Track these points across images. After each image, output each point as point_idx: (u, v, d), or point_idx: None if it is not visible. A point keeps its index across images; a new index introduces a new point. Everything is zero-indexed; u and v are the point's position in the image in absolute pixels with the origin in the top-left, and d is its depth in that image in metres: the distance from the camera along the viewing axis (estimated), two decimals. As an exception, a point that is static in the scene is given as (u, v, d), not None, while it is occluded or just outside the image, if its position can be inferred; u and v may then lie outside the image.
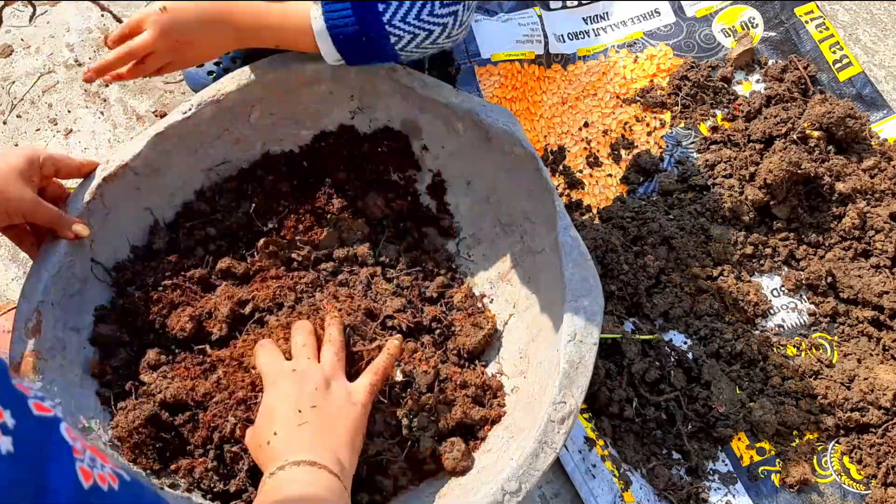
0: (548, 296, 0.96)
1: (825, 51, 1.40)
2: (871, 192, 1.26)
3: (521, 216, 1.02)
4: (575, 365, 0.86)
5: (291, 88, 1.05)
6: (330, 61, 0.92)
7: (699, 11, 1.44)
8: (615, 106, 1.36)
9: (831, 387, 1.12)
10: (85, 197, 0.91)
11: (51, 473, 0.37)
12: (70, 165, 0.90)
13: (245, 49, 1.21)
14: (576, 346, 0.86)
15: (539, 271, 0.99)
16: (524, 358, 0.97)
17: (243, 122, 1.05)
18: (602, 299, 0.90)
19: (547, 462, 0.81)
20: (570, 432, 0.85)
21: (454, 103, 1.01)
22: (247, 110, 1.04)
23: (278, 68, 1.03)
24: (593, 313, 0.88)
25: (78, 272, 0.91)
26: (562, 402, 0.84)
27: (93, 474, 0.40)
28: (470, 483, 0.85)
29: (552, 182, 0.98)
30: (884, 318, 1.17)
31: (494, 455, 0.87)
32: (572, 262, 0.91)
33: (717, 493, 1.05)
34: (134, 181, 0.96)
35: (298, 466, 0.69)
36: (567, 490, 1.04)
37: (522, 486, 0.79)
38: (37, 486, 0.36)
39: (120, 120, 1.26)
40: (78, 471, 0.39)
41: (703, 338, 1.15)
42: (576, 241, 0.92)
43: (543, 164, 0.98)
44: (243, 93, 1.02)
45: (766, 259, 1.24)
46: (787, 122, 1.29)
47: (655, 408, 1.08)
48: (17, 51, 1.31)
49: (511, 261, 1.05)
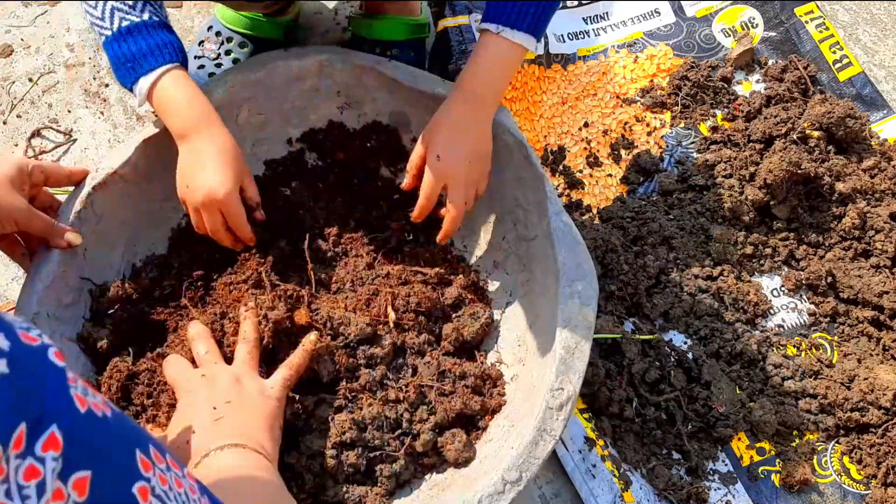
0: (543, 282, 0.96)
1: (825, 51, 1.40)
2: (871, 192, 1.26)
3: (512, 203, 1.02)
4: (571, 350, 0.86)
5: (278, 86, 1.05)
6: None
7: (699, 11, 1.44)
8: (615, 106, 1.36)
9: (831, 387, 1.12)
10: (76, 206, 0.91)
11: (48, 395, 0.37)
12: (59, 174, 0.90)
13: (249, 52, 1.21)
14: (571, 332, 0.86)
15: (533, 258, 0.99)
16: (522, 345, 0.97)
17: (231, 124, 1.04)
18: (596, 283, 0.90)
19: (546, 449, 0.81)
20: (569, 418, 0.85)
21: (441, 94, 1.01)
22: (234, 111, 1.04)
23: (263, 67, 1.03)
24: (588, 297, 0.88)
25: (72, 282, 0.90)
26: (559, 389, 0.84)
27: (87, 402, 0.40)
28: (472, 474, 0.85)
29: (542, 168, 0.98)
30: (884, 318, 1.17)
31: (496, 445, 0.87)
32: (565, 247, 0.91)
33: (717, 494, 1.05)
34: (124, 188, 0.95)
35: (223, 451, 0.70)
36: (567, 490, 1.04)
37: (523, 475, 0.79)
38: (36, 408, 0.36)
39: (120, 120, 1.26)
40: (73, 396, 0.39)
41: (703, 338, 1.15)
42: (568, 226, 0.92)
43: (533, 151, 0.98)
44: (230, 93, 1.02)
45: (766, 259, 1.24)
46: (787, 122, 1.29)
47: (655, 408, 1.08)
48: (17, 51, 1.31)
49: (505, 249, 1.04)
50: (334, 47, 1.08)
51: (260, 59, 1.04)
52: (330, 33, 1.36)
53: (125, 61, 0.88)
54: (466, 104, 0.95)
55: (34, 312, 0.85)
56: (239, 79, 1.02)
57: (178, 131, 0.90)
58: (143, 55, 0.87)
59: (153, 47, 0.88)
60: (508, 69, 0.97)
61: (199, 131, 0.89)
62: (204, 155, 0.89)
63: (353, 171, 1.10)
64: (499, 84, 0.97)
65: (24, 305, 0.85)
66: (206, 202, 0.89)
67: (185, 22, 1.35)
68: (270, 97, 1.05)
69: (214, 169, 0.88)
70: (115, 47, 0.88)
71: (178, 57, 0.89)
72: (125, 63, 0.88)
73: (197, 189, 0.89)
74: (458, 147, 0.94)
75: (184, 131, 0.89)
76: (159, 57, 0.88)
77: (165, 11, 0.92)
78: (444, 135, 0.94)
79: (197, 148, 0.89)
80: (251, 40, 1.21)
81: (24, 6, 1.35)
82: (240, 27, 1.20)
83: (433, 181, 0.95)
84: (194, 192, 0.90)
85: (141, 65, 0.88)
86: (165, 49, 0.88)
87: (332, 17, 1.38)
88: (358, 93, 1.07)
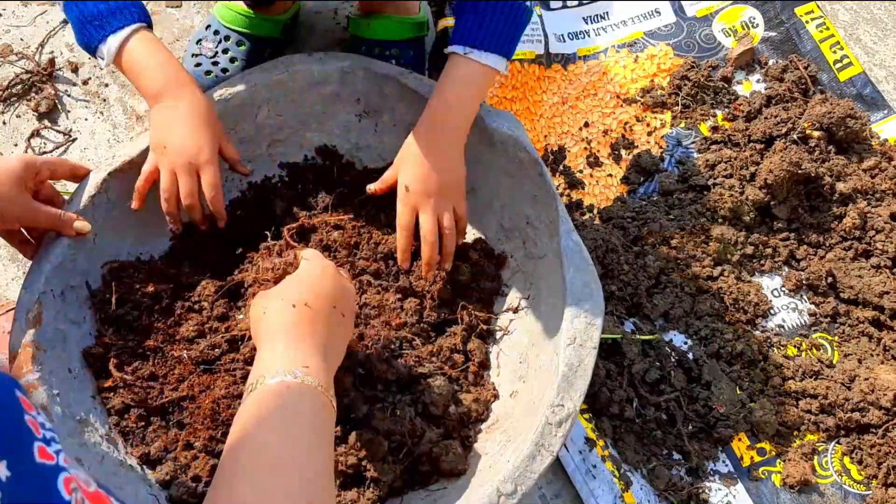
0: (548, 301, 0.96)
1: (826, 51, 1.40)
2: (871, 192, 1.26)
3: (523, 221, 1.02)
4: (574, 368, 0.86)
5: (299, 89, 1.05)
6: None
7: (699, 11, 1.44)
8: (615, 106, 1.36)
9: (832, 387, 1.12)
10: (91, 190, 0.91)
11: None
12: (64, 166, 0.91)
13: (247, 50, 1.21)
14: (575, 350, 0.86)
15: (540, 276, 0.99)
16: (524, 362, 0.97)
17: (250, 122, 1.04)
18: (602, 304, 0.90)
19: (543, 465, 0.81)
20: (568, 435, 0.85)
21: None
22: (254, 110, 1.04)
23: (287, 69, 1.03)
24: (594, 317, 0.88)
25: (80, 265, 0.91)
26: (560, 405, 0.84)
27: None
28: (466, 485, 0.85)
29: (555, 187, 0.98)
30: (884, 318, 1.17)
31: (491, 458, 0.87)
32: (574, 266, 0.91)
33: (717, 494, 1.05)
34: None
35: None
36: (567, 491, 1.04)
37: (518, 488, 0.79)
38: None
39: (119, 120, 1.26)
40: None
41: (704, 338, 1.15)
42: (578, 245, 0.92)
43: (546, 169, 0.98)
44: (251, 92, 1.02)
45: (767, 259, 1.23)
46: (787, 122, 1.29)
47: (656, 408, 1.08)
48: (17, 51, 1.30)
49: (512, 266, 1.04)
50: (357, 55, 1.09)
51: (282, 60, 1.04)
52: (330, 33, 1.35)
53: (91, 19, 0.86)
54: (435, 131, 0.95)
55: (41, 291, 0.85)
56: (261, 78, 1.02)
57: (152, 91, 0.88)
58: (112, 13, 0.86)
59: (120, 6, 0.86)
60: (479, 92, 0.95)
61: (174, 91, 0.87)
62: (182, 115, 0.87)
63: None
64: (469, 108, 0.95)
65: (31, 283, 0.86)
66: (185, 164, 0.88)
67: (185, 22, 1.35)
68: (290, 100, 1.05)
69: (193, 129, 0.87)
70: (80, 5, 0.86)
71: (145, 17, 0.88)
72: (91, 21, 0.86)
73: (175, 150, 0.87)
74: (426, 178, 0.94)
75: (158, 91, 0.88)
76: (128, 15, 0.86)
77: None
78: (413, 166, 0.95)
79: (173, 107, 0.87)
80: (249, 39, 1.21)
81: (23, 6, 1.35)
82: (238, 26, 1.20)
83: (404, 212, 0.96)
84: (173, 154, 0.88)
85: (109, 22, 0.86)
86: (132, 8, 0.87)
87: (332, 16, 1.37)
88: (378, 101, 1.07)
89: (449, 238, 0.97)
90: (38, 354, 0.81)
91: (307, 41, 1.33)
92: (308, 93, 1.06)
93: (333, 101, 1.07)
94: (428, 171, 0.94)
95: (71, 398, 0.83)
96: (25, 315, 0.83)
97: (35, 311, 0.83)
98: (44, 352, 0.82)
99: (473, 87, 0.94)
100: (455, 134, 0.95)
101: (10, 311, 1.04)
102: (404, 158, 0.96)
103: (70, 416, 0.81)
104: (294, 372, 0.66)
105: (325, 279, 0.76)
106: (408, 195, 0.95)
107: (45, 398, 0.79)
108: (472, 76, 0.93)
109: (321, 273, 0.77)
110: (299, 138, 1.09)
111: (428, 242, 0.95)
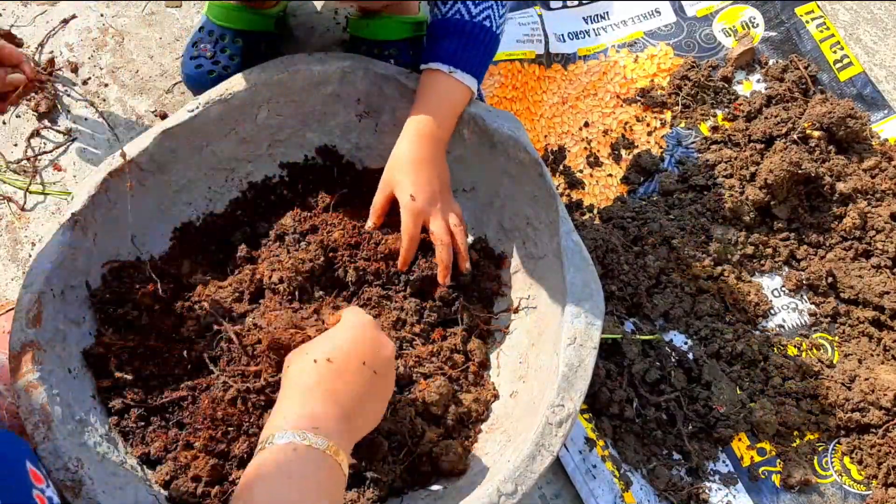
0: (548, 301, 0.96)
1: (826, 50, 1.40)
2: (871, 192, 1.26)
3: (523, 221, 1.02)
4: (574, 368, 0.86)
5: (299, 89, 1.05)
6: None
7: (700, 11, 1.44)
8: (615, 106, 1.36)
9: (832, 387, 1.12)
10: (91, 189, 0.91)
11: None
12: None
13: (243, 47, 1.21)
14: (575, 350, 0.86)
15: (540, 277, 0.99)
16: (524, 363, 0.97)
17: (250, 122, 1.05)
18: (603, 304, 0.90)
19: (543, 465, 0.81)
20: (568, 436, 0.85)
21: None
22: (254, 110, 1.04)
23: (287, 69, 1.03)
24: (594, 318, 0.88)
25: (80, 264, 0.91)
26: (560, 406, 0.84)
27: None
28: (466, 485, 0.85)
29: (555, 187, 0.98)
30: (884, 318, 1.17)
31: (491, 458, 0.87)
32: (574, 266, 0.91)
33: (717, 494, 1.05)
34: (139, 177, 0.96)
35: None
36: (567, 491, 1.04)
37: (518, 488, 0.79)
38: None
39: (119, 120, 1.26)
40: None
41: (704, 338, 1.15)
42: (578, 245, 0.92)
43: (547, 170, 0.98)
44: (251, 92, 1.02)
45: (767, 259, 1.23)
46: (787, 121, 1.29)
47: (656, 408, 1.08)
48: (16, 50, 1.30)
49: (512, 266, 1.04)
50: (357, 55, 1.09)
51: (283, 60, 1.05)
52: (330, 33, 1.35)
53: None
54: (424, 141, 0.98)
55: (40, 291, 0.85)
56: (261, 78, 1.02)
57: None
58: None
59: None
60: (458, 109, 1.01)
61: None
62: None
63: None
64: (449, 122, 1.01)
65: (31, 282, 0.86)
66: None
67: (185, 22, 1.35)
68: (291, 100, 1.05)
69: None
70: None
71: None
72: None
73: None
74: (429, 184, 0.98)
75: None
76: None
77: None
78: (411, 174, 0.98)
79: None
80: (243, 35, 1.21)
81: (23, 6, 1.35)
82: (231, 23, 1.20)
83: (412, 222, 0.97)
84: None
85: None
86: None
87: (332, 16, 1.37)
88: (378, 102, 1.08)
89: (460, 237, 0.99)
90: (38, 354, 0.81)
91: (307, 41, 1.33)
92: (308, 93, 1.06)
93: (334, 101, 1.07)
94: (428, 178, 0.98)
95: (71, 398, 0.83)
96: (25, 315, 0.83)
97: (35, 311, 0.83)
98: (44, 352, 0.82)
99: (455, 104, 1.01)
100: (439, 146, 1.00)
101: (10, 311, 1.04)
102: (398, 170, 0.99)
103: (70, 416, 0.81)
104: (304, 433, 0.65)
105: (356, 333, 0.75)
106: (414, 204, 0.97)
107: (45, 398, 0.79)
108: (453, 93, 1.00)
109: (353, 327, 0.75)
110: (300, 138, 1.09)
111: (444, 244, 0.98)
